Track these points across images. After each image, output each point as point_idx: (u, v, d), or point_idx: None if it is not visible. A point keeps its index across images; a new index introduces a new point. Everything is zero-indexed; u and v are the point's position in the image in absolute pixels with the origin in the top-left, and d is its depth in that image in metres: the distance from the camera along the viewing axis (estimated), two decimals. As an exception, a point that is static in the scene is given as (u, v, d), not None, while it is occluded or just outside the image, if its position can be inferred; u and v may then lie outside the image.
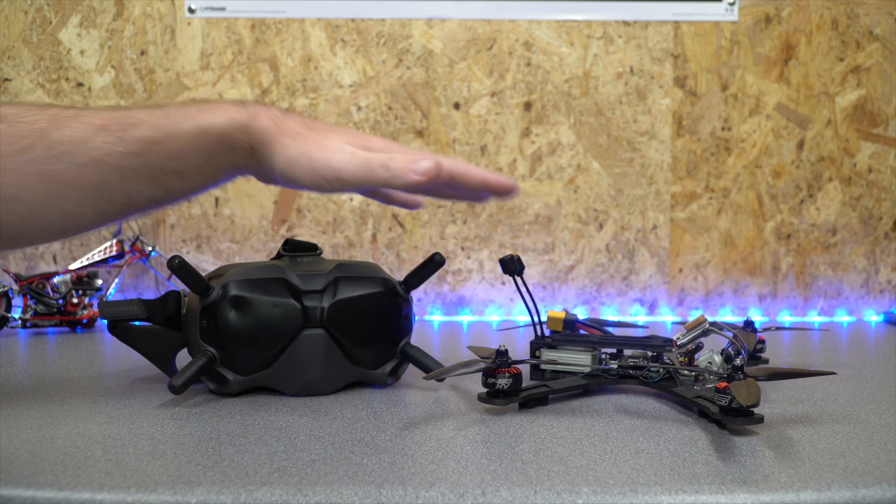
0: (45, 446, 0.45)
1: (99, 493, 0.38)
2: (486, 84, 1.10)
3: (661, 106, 1.11)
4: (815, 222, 1.12)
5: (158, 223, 1.10)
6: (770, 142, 1.11)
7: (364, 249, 1.11)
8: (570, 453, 0.44)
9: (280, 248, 0.64)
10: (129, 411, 0.54)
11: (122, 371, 0.69)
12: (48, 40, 1.08)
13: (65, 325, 0.95)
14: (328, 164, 0.53)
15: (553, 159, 1.11)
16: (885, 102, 1.11)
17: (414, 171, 0.52)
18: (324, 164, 0.53)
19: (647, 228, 1.11)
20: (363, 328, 0.59)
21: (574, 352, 0.60)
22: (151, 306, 0.60)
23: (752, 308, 1.12)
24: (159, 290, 1.10)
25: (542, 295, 1.12)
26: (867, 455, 0.44)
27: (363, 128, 1.10)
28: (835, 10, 1.10)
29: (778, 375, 0.53)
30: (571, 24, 1.10)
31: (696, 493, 0.38)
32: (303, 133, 0.54)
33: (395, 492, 0.38)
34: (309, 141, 0.54)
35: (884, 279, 1.13)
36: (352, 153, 0.53)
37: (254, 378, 0.58)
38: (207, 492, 0.38)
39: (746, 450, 0.45)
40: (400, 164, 0.52)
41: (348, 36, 1.09)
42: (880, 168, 1.12)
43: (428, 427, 0.50)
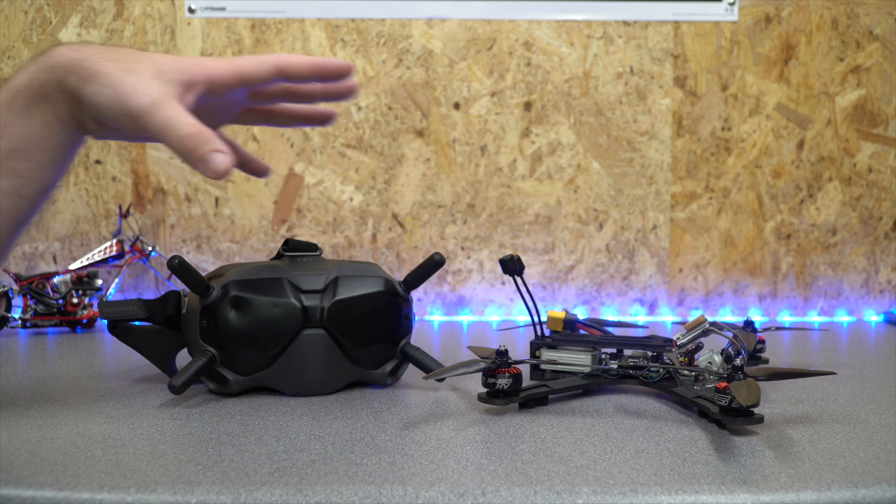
0: (45, 446, 0.45)
1: (99, 493, 0.38)
2: (486, 84, 1.10)
3: (661, 106, 1.11)
4: (815, 222, 1.12)
5: (158, 223, 1.10)
6: (770, 142, 1.11)
7: (364, 249, 1.11)
8: (570, 453, 0.44)
9: (280, 248, 0.64)
10: (129, 411, 0.54)
11: (122, 371, 0.69)
12: (48, 40, 1.08)
13: (65, 325, 0.95)
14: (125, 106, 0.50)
15: (553, 159, 1.11)
16: (885, 102, 1.11)
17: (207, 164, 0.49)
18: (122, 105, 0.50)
19: (647, 228, 1.11)
20: (363, 328, 0.59)
21: (574, 352, 0.60)
22: (151, 306, 0.60)
23: (752, 308, 1.12)
24: (159, 290, 1.11)
25: (542, 295, 1.12)
26: (867, 455, 0.44)
27: (363, 128, 1.10)
28: (835, 10, 1.10)
29: (778, 375, 0.53)
30: (571, 24, 1.10)
31: (696, 493, 0.38)
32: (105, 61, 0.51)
33: (395, 492, 0.38)
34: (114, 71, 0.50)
35: (884, 279, 1.13)
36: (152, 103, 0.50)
37: (254, 378, 0.58)
38: (207, 492, 0.38)
39: (746, 450, 0.45)
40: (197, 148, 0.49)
41: (348, 36, 1.09)
42: (880, 168, 1.12)
43: (428, 427, 0.50)
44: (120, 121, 0.51)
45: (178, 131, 0.49)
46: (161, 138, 0.50)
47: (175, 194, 1.10)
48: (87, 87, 0.50)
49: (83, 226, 1.10)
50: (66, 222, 1.10)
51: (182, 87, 0.52)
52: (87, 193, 1.10)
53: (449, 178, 1.11)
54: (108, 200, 1.10)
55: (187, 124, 0.49)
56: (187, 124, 0.49)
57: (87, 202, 1.10)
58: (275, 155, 1.10)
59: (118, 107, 0.50)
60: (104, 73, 0.50)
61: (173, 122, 0.49)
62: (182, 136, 0.49)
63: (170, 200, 1.10)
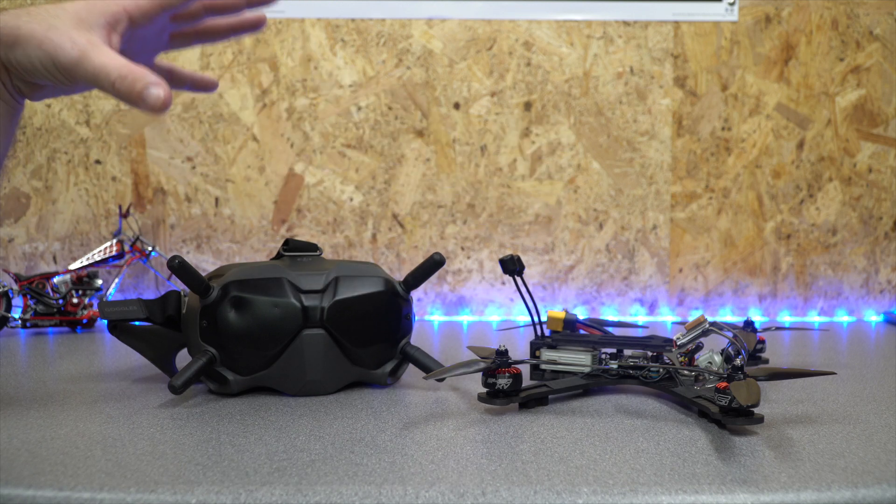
0: (45, 446, 0.45)
1: (99, 493, 0.38)
2: (486, 84, 1.10)
3: (661, 106, 1.11)
4: (815, 222, 1.12)
5: (158, 223, 1.10)
6: (770, 142, 1.11)
7: (364, 249, 1.11)
8: (570, 453, 0.44)
9: (280, 248, 0.64)
10: (129, 411, 0.54)
11: (122, 371, 0.69)
12: (48, 40, 1.08)
13: (65, 325, 0.95)
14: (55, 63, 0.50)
15: (553, 159, 1.11)
16: (885, 102, 1.11)
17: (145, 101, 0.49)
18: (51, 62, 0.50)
19: (647, 228, 1.11)
20: (363, 328, 0.59)
21: (574, 352, 0.60)
22: (151, 306, 0.60)
23: (752, 308, 1.12)
24: (159, 290, 1.11)
25: (542, 295, 1.12)
26: (867, 455, 0.44)
27: (363, 128, 1.10)
28: (835, 10, 1.10)
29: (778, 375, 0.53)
30: (571, 24, 1.10)
31: (696, 493, 0.38)
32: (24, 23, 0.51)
33: (395, 492, 0.38)
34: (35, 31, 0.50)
35: (884, 279, 1.13)
36: (81, 54, 0.50)
37: (254, 378, 0.58)
38: (207, 492, 0.38)
39: (746, 450, 0.45)
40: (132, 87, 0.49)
41: (348, 36, 1.09)
42: (880, 168, 1.12)
43: (428, 427, 0.50)
44: (54, 77, 0.51)
45: (110, 75, 0.49)
46: (95, 85, 0.50)
47: (175, 194, 1.10)
48: (13, 54, 0.50)
49: (83, 226, 1.10)
50: (66, 222, 1.10)
51: (106, 30, 0.52)
52: (87, 193, 1.10)
53: (449, 178, 1.11)
54: (108, 200, 1.10)
55: (117, 66, 0.49)
56: (117, 66, 0.49)
57: (87, 202, 1.10)
58: (275, 155, 1.10)
59: (48, 65, 0.50)
60: (26, 35, 0.50)
61: (104, 68, 0.50)
62: (114, 79, 0.49)
63: (170, 200, 1.10)
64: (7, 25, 0.51)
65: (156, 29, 0.58)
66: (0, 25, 0.51)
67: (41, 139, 1.09)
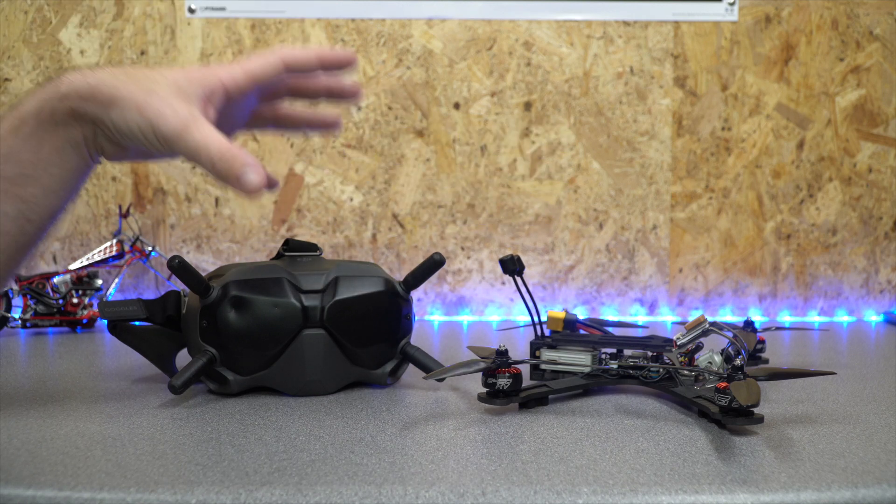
0: (45, 446, 0.45)
1: (99, 493, 0.38)
2: (486, 84, 1.10)
3: (661, 106, 1.11)
4: (815, 222, 1.12)
5: (158, 223, 1.10)
6: (770, 142, 1.11)
7: (364, 249, 1.11)
8: (570, 453, 0.44)
9: (280, 248, 0.64)
10: (129, 411, 0.54)
11: (122, 371, 0.69)
12: (48, 40, 1.09)
13: (65, 325, 0.95)
14: (154, 130, 0.49)
15: (553, 159, 1.11)
16: (885, 102, 1.11)
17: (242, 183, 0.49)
18: (150, 128, 0.49)
19: (647, 228, 1.11)
20: (363, 328, 0.59)
21: (574, 352, 0.60)
22: (151, 306, 0.60)
23: (752, 308, 1.12)
24: (159, 290, 1.11)
25: (542, 295, 1.12)
26: (867, 455, 0.44)
27: (363, 128, 1.10)
28: (835, 10, 1.10)
29: (778, 375, 0.53)
30: (571, 24, 1.10)
31: (696, 493, 0.38)
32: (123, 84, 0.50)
33: (395, 492, 0.38)
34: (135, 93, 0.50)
35: (884, 279, 1.13)
36: (183, 125, 0.49)
37: (254, 378, 0.58)
38: (207, 492, 0.38)
39: (746, 450, 0.45)
40: (231, 168, 0.49)
41: (348, 36, 1.09)
42: (880, 168, 1.12)
43: (428, 427, 0.50)
44: (150, 144, 0.51)
45: (211, 153, 0.49)
46: (193, 160, 0.50)
47: (175, 194, 1.10)
48: (109, 113, 0.50)
49: (83, 226, 1.10)
50: (66, 222, 1.10)
51: (203, 102, 0.52)
52: (87, 193, 1.10)
53: (449, 178, 1.11)
54: (108, 200, 1.10)
55: (218, 144, 0.49)
56: (218, 144, 0.49)
57: (87, 202, 1.10)
58: (275, 155, 1.10)
59: (146, 131, 0.50)
60: (125, 97, 0.50)
61: (205, 144, 0.49)
62: (215, 158, 0.49)
63: (170, 200, 1.10)
64: (105, 83, 0.50)
65: (242, 106, 0.59)
66: (95, 83, 0.50)
67: (41, 139, 1.09)
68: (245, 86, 0.55)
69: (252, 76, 0.55)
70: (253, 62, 0.55)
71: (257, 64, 0.55)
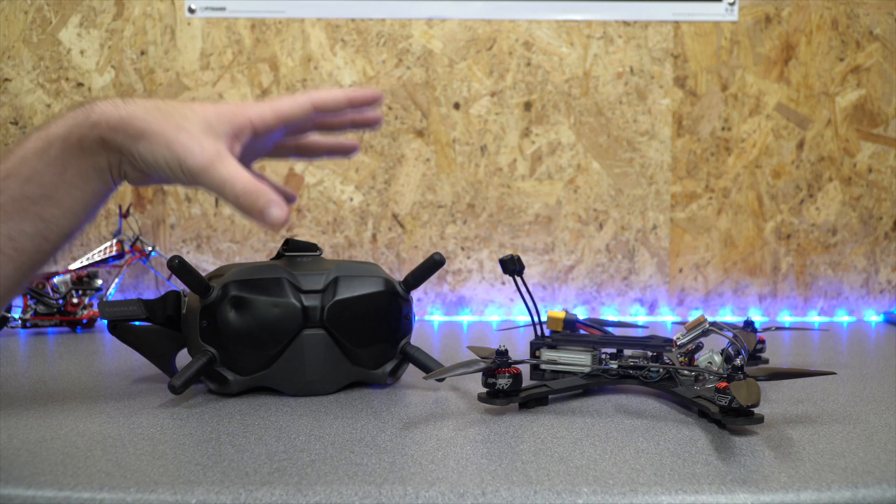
0: (45, 446, 0.45)
1: (99, 493, 0.38)
2: (486, 84, 1.10)
3: (661, 106, 1.11)
4: (815, 222, 1.12)
5: (158, 223, 1.10)
6: (770, 142, 1.11)
7: (364, 249, 1.11)
8: (570, 453, 0.44)
9: (280, 248, 0.64)
10: (129, 411, 0.54)
11: (122, 371, 0.69)
12: (48, 40, 1.08)
13: (65, 325, 0.95)
14: (181, 165, 0.51)
15: (553, 159, 1.11)
16: (885, 102, 1.11)
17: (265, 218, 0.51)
18: (177, 163, 0.51)
19: (647, 228, 1.11)
20: (363, 328, 0.59)
21: (574, 352, 0.60)
22: (151, 306, 0.60)
23: (752, 308, 1.12)
24: (159, 290, 1.11)
25: (542, 295, 1.12)
26: (867, 455, 0.44)
27: (363, 128, 1.10)
28: (835, 10, 1.10)
29: (778, 375, 0.53)
30: (571, 24, 1.10)
31: (696, 493, 0.38)
32: (154, 119, 0.52)
33: (395, 492, 0.38)
34: (165, 129, 0.51)
35: (884, 279, 1.13)
36: (209, 162, 0.51)
37: (254, 378, 0.58)
38: (207, 492, 0.38)
39: (746, 450, 0.45)
40: (254, 204, 0.51)
41: (348, 36, 1.09)
42: (880, 168, 1.12)
43: (428, 427, 0.50)
44: (175, 177, 0.52)
45: (236, 189, 0.51)
46: (218, 194, 0.52)
47: (175, 194, 1.10)
48: (138, 146, 0.51)
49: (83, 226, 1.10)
50: (66, 222, 1.10)
51: (231, 139, 0.54)
52: (87, 193, 1.10)
53: (449, 178, 1.11)
54: (109, 200, 1.10)
55: (243, 181, 0.51)
56: (243, 181, 0.51)
57: (87, 202, 1.10)
58: (275, 155, 1.10)
59: (173, 165, 0.51)
60: (155, 132, 0.51)
61: (231, 180, 0.51)
62: (239, 193, 0.51)
63: (170, 200, 1.10)
64: (135, 116, 0.51)
65: (267, 140, 0.60)
66: (127, 116, 0.51)
67: (41, 139, 1.09)
68: (273, 126, 0.57)
69: (281, 118, 0.57)
70: (284, 103, 0.57)
71: (287, 105, 0.57)
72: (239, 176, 0.51)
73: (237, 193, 0.51)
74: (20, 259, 0.52)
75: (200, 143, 0.51)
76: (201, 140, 0.52)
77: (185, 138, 0.51)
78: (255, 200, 0.51)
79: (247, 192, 0.51)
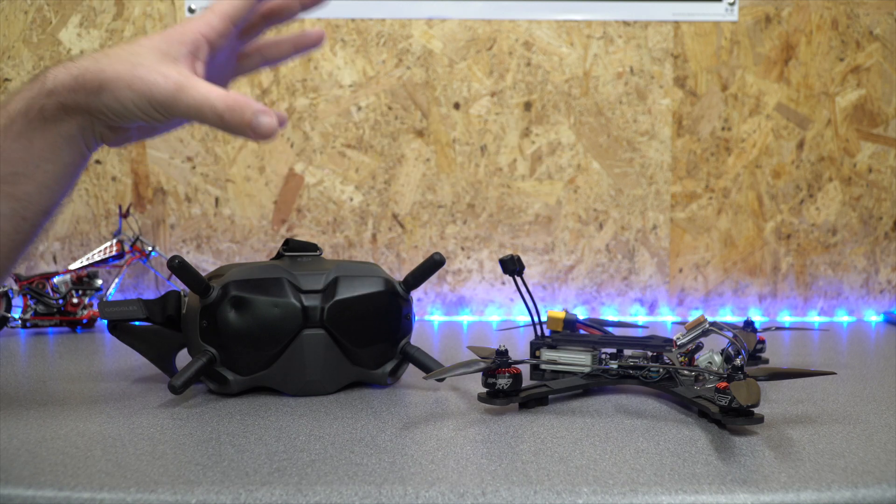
0: (45, 446, 0.45)
1: (99, 493, 0.38)
2: (486, 84, 1.10)
3: (661, 106, 1.11)
4: (815, 222, 1.12)
5: (158, 223, 1.10)
6: (770, 142, 1.11)
7: (364, 249, 1.11)
8: (570, 453, 0.44)
9: (280, 248, 0.64)
10: (129, 411, 0.54)
11: (122, 371, 0.69)
12: (48, 40, 1.08)
13: (65, 325, 0.95)
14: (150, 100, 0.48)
15: (553, 159, 1.11)
16: (885, 102, 1.11)
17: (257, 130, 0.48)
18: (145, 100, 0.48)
19: (647, 228, 1.11)
20: (363, 328, 0.59)
21: (574, 352, 0.60)
22: (151, 306, 0.60)
23: (752, 308, 1.12)
24: (159, 290, 1.10)
25: (542, 295, 1.12)
26: (867, 455, 0.44)
27: (363, 128, 1.10)
28: (835, 10, 1.10)
29: (778, 375, 0.53)
30: (571, 24, 1.10)
31: (696, 493, 0.38)
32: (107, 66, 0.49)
33: (395, 492, 0.38)
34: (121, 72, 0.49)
35: (884, 279, 1.13)
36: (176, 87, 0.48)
37: (254, 378, 0.58)
38: (207, 492, 0.38)
39: (746, 450, 0.45)
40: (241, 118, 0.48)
41: (348, 36, 1.09)
42: (880, 168, 1.12)
43: (428, 427, 0.50)
44: (149, 116, 0.50)
45: (216, 107, 0.48)
46: (198, 118, 0.49)
47: (175, 194, 1.10)
48: (101, 98, 0.49)
49: (83, 226, 1.10)
50: (66, 222, 1.10)
51: (190, 59, 0.51)
52: (87, 193, 1.10)
53: (449, 178, 1.11)
54: (108, 200, 1.10)
55: (221, 97, 0.48)
56: (221, 97, 0.48)
57: (87, 202, 1.10)
58: (275, 155, 1.10)
59: (142, 105, 0.49)
60: (111, 78, 0.49)
61: (207, 99, 0.48)
62: (222, 110, 0.48)
63: (170, 200, 1.10)
64: (89, 70, 0.49)
65: (227, 52, 0.58)
66: (79, 73, 0.49)
67: (41, 139, 1.09)
68: (225, 30, 0.54)
69: (228, 17, 0.54)
70: (224, 3, 0.54)
71: (228, 3, 0.54)
72: (214, 92, 0.49)
73: (219, 111, 0.48)
74: (0, 241, 0.50)
75: (161, 72, 0.49)
76: (161, 69, 0.49)
77: (144, 72, 0.49)
78: (242, 113, 0.48)
79: (230, 107, 0.48)
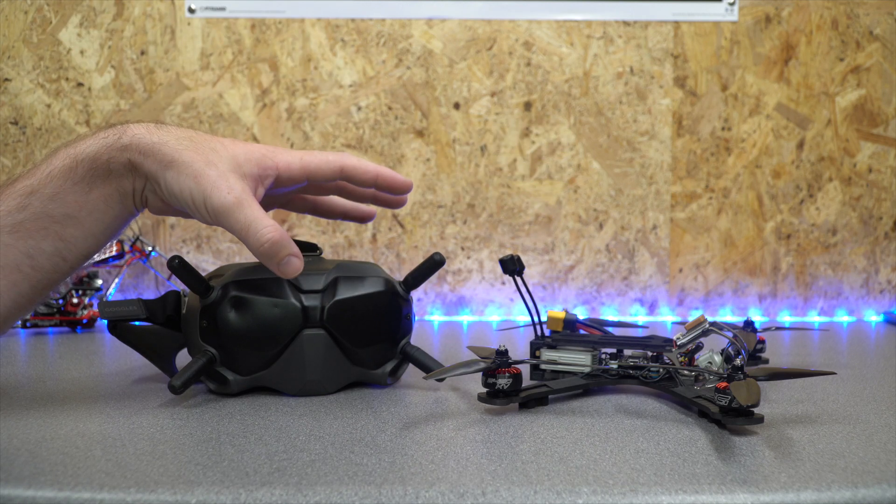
0: (45, 446, 0.45)
1: (99, 493, 0.38)
2: (486, 84, 1.10)
3: (661, 106, 1.11)
4: (815, 222, 1.12)
5: (158, 223, 1.10)
6: (770, 142, 1.11)
7: (364, 249, 1.11)
8: (570, 453, 0.44)
9: (280, 248, 0.64)
10: (129, 411, 0.54)
11: (122, 371, 0.69)
12: (48, 40, 1.08)
13: (65, 325, 0.95)
14: (206, 200, 0.50)
15: (553, 159, 1.11)
16: (885, 102, 1.11)
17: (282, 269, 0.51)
18: (202, 198, 0.50)
19: (647, 228, 1.11)
20: (363, 328, 0.59)
21: (574, 352, 0.60)
22: (151, 306, 0.60)
23: (752, 308, 1.12)
24: (159, 290, 1.10)
25: (542, 295, 1.12)
26: (867, 455, 0.44)
27: (363, 128, 1.10)
28: (835, 10, 1.10)
29: (778, 375, 0.53)
30: (571, 24, 1.10)
31: (696, 493, 0.38)
32: (185, 149, 0.51)
33: (395, 492, 0.38)
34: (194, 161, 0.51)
35: (884, 279, 1.13)
36: (235, 202, 0.50)
37: (254, 378, 0.58)
38: (207, 492, 0.38)
39: (746, 450, 0.45)
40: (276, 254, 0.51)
41: (348, 36, 1.09)
42: (880, 168, 1.12)
43: (428, 427, 0.50)
44: (198, 212, 0.51)
45: (260, 236, 0.50)
46: (240, 237, 0.51)
47: (175, 194, 1.10)
48: (166, 174, 0.51)
49: (83, 226, 1.10)
50: (66, 222, 1.10)
51: (255, 181, 0.53)
52: (87, 193, 1.10)
53: (449, 178, 1.11)
54: (108, 200, 1.10)
55: (268, 229, 0.50)
56: (268, 229, 0.50)
57: (87, 202, 1.10)
58: (275, 155, 1.10)
59: (198, 199, 0.51)
60: (185, 162, 0.50)
61: (254, 225, 0.50)
62: (263, 241, 0.50)
63: (170, 200, 1.10)
64: (167, 145, 0.51)
65: (288, 190, 0.60)
66: (159, 142, 0.51)
67: (41, 139, 1.09)
68: (298, 177, 0.56)
69: (308, 172, 0.56)
70: (313, 159, 0.56)
71: (316, 162, 0.56)
72: (264, 222, 0.51)
73: (261, 240, 0.50)
74: (37, 277, 0.51)
75: (228, 181, 0.51)
76: (229, 178, 0.51)
77: (214, 174, 0.51)
78: (278, 251, 0.51)
79: (272, 242, 0.50)
